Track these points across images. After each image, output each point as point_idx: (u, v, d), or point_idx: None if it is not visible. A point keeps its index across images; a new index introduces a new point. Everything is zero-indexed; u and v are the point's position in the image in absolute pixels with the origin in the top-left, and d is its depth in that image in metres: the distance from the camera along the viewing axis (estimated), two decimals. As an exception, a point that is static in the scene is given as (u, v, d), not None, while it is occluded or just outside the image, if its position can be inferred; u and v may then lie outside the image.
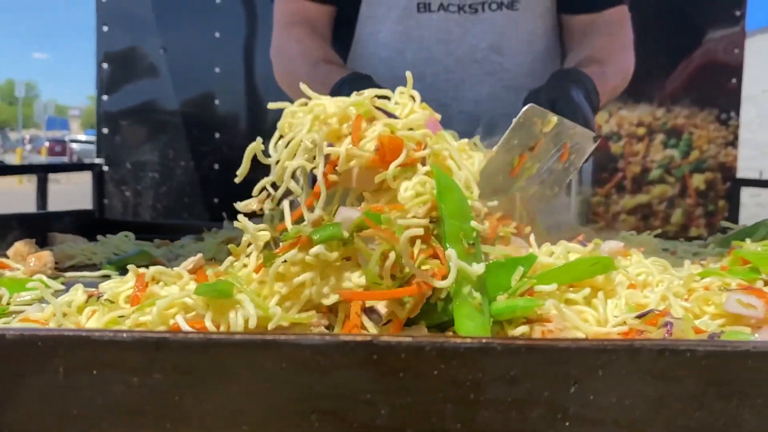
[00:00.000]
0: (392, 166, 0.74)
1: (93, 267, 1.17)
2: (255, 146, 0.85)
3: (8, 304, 0.91)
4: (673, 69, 3.47)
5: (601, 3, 1.45)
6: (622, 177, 3.86)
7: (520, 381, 0.44)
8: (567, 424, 0.44)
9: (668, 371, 0.44)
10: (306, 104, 0.88)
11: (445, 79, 1.44)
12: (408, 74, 0.86)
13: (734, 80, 3.50)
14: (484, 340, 0.44)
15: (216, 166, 3.73)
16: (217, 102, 3.70)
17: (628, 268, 0.89)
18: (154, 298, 0.73)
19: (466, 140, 0.91)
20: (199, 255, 0.87)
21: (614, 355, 0.44)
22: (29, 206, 3.06)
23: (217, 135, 3.71)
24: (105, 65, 3.61)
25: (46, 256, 1.12)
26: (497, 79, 1.44)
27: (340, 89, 1.18)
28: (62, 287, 0.99)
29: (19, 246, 1.16)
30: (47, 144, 28.05)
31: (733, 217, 3.59)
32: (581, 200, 3.61)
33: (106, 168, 3.67)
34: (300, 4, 1.46)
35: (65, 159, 21.89)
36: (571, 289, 0.75)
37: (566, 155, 1.03)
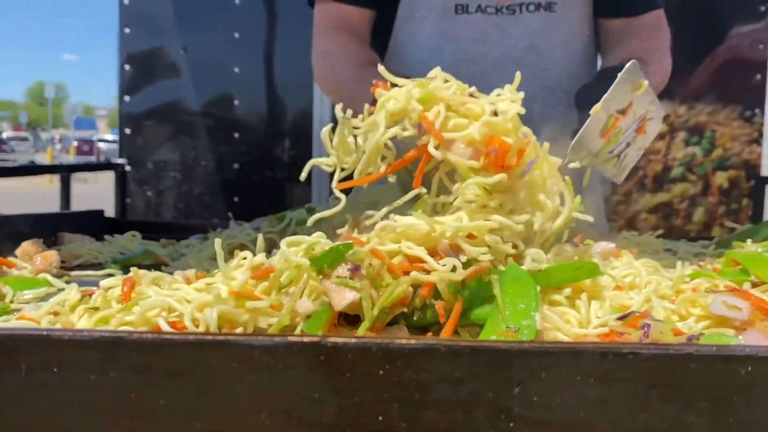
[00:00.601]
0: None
1: (99, 266, 1.20)
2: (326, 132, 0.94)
3: (11, 302, 0.94)
4: (696, 65, 3.42)
5: (639, 7, 1.48)
6: (643, 175, 3.82)
7: (464, 382, 0.45)
8: (511, 424, 0.45)
9: (611, 374, 0.45)
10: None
11: (481, 80, 1.47)
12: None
13: (759, 76, 3.45)
14: (428, 342, 0.45)
15: (236, 166, 3.77)
16: (236, 102, 3.75)
17: (617, 269, 0.89)
18: (140, 299, 0.75)
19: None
20: (192, 270, 0.89)
21: (557, 357, 0.45)
22: (57, 205, 3.14)
23: (236, 135, 3.76)
24: (127, 67, 3.67)
25: (52, 255, 1.15)
26: (535, 80, 1.45)
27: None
28: (65, 286, 1.01)
29: (27, 245, 1.19)
30: (75, 144, 28.64)
31: (758, 215, 3.54)
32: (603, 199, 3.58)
33: (128, 168, 3.73)
34: (341, 10, 1.48)
35: (93, 158, 22.30)
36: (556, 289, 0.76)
37: (644, 128, 1.01)
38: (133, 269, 0.83)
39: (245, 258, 0.78)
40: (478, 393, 0.45)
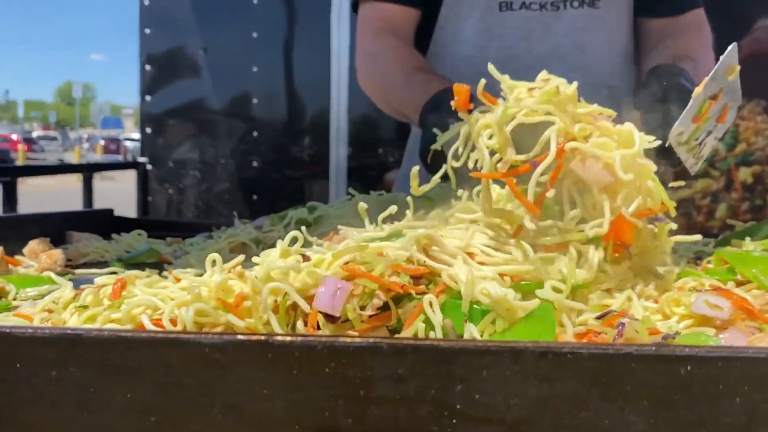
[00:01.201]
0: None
1: (105, 264, 1.23)
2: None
3: (14, 299, 0.97)
4: (719, 59, 3.37)
5: (681, 6, 1.49)
6: (663, 171, 3.77)
7: (408, 379, 0.46)
8: (454, 421, 0.46)
9: (552, 373, 0.46)
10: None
11: (526, 76, 1.50)
12: (490, 66, 0.89)
13: (783, 70, 3.38)
14: (372, 340, 0.46)
15: (255, 164, 3.81)
16: (255, 101, 3.78)
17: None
18: (127, 297, 0.78)
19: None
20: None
21: (497, 356, 0.46)
22: (102, 201, 3.20)
23: (255, 133, 3.80)
24: (148, 67, 3.73)
25: (57, 254, 1.18)
26: (580, 76, 1.47)
27: (442, 101, 1.19)
28: (69, 283, 1.04)
29: (33, 244, 1.23)
30: (102, 142, 29.14)
31: (783, 211, 3.48)
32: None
33: (149, 167, 3.79)
34: (387, 10, 1.49)
35: (120, 157, 22.65)
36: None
37: (724, 117, 0.99)
38: (129, 273, 0.86)
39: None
40: (422, 390, 0.46)
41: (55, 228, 1.42)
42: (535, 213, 0.78)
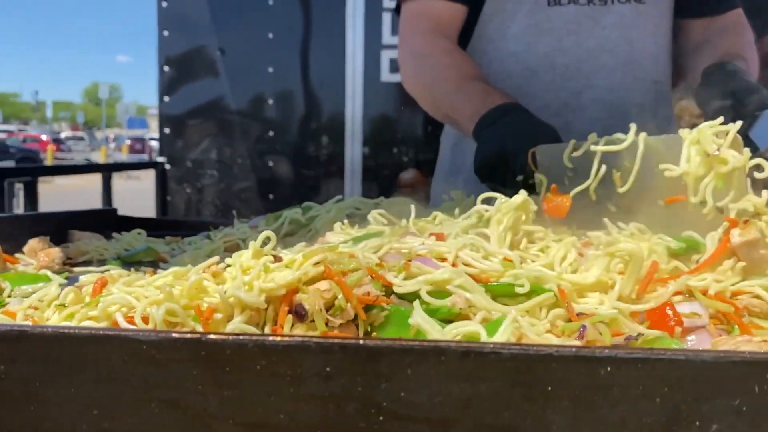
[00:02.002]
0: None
1: (104, 262, 1.26)
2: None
3: (9, 296, 1.00)
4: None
5: (722, 7, 1.52)
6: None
7: (336, 377, 0.47)
8: (381, 418, 0.48)
9: (474, 372, 0.47)
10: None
11: (576, 69, 1.48)
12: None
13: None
14: (300, 339, 0.47)
15: (270, 163, 3.85)
16: (270, 101, 3.82)
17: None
18: (103, 295, 0.80)
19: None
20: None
21: (421, 355, 0.47)
22: (125, 200, 3.26)
23: (271, 133, 3.84)
24: (166, 68, 3.78)
25: (55, 252, 1.22)
26: (628, 69, 1.49)
27: (502, 115, 1.23)
28: (64, 281, 1.07)
29: (33, 243, 1.26)
30: (128, 142, 29.63)
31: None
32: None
33: (168, 166, 3.84)
34: (432, 7, 1.49)
35: (145, 156, 23.00)
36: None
37: None
38: (110, 273, 0.89)
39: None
40: (349, 388, 0.48)
41: (60, 227, 1.45)
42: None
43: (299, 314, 0.70)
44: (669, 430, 0.46)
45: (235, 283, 0.73)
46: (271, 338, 0.48)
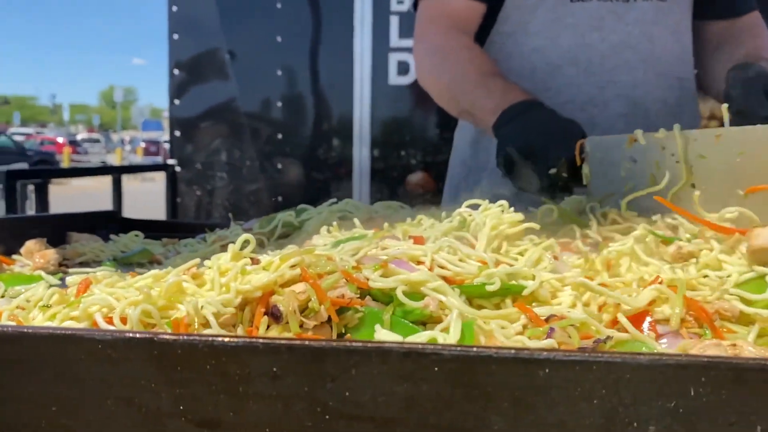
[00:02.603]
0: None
1: (100, 264, 1.28)
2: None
3: (2, 296, 1.03)
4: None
5: (740, 9, 1.54)
6: (693, 173, 3.68)
7: (283, 377, 0.49)
8: (327, 417, 0.49)
9: (416, 373, 0.48)
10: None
11: (599, 64, 1.49)
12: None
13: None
14: (249, 340, 0.49)
15: (279, 166, 3.88)
16: (279, 104, 3.85)
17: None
18: (85, 296, 0.82)
19: None
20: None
21: (364, 355, 0.48)
22: (137, 202, 3.31)
23: (279, 135, 3.86)
24: (176, 71, 3.82)
25: (50, 253, 1.24)
26: (650, 66, 1.50)
27: (523, 111, 1.25)
28: (57, 282, 1.10)
29: (30, 244, 1.29)
30: (143, 144, 29.95)
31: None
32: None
33: (178, 169, 3.88)
34: (453, 6, 1.50)
35: (159, 158, 23.21)
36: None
37: None
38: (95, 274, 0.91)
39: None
40: (296, 387, 0.49)
41: (63, 228, 1.48)
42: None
43: (275, 316, 0.71)
44: (607, 431, 0.47)
45: (208, 296, 0.76)
46: (219, 339, 0.49)
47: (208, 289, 0.81)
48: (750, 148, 0.96)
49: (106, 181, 3.76)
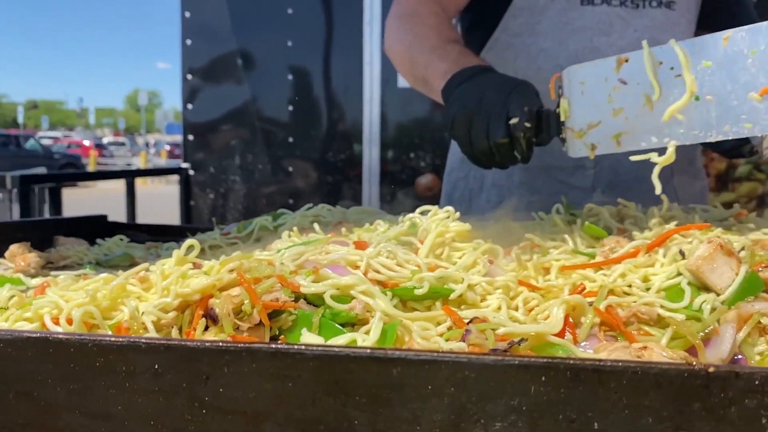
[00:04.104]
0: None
1: (83, 267, 1.33)
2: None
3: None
4: None
5: (742, 21, 1.57)
6: (705, 174, 3.65)
7: (164, 374, 0.53)
8: (204, 411, 0.53)
9: (283, 371, 0.51)
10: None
11: None
12: None
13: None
14: (132, 339, 0.53)
15: (290, 169, 3.94)
16: (290, 108, 3.90)
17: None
18: (36, 298, 0.88)
19: None
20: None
21: (236, 355, 0.52)
22: (155, 205, 3.39)
23: (290, 139, 3.92)
24: (189, 76, 3.90)
25: (31, 257, 1.30)
26: None
27: (473, 77, 1.19)
28: (34, 284, 1.15)
29: (14, 248, 1.35)
30: (168, 147, 30.41)
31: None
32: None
33: (191, 172, 3.96)
34: None
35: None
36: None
37: None
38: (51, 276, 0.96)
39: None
40: (175, 384, 0.53)
41: (53, 232, 1.55)
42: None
43: (212, 318, 0.76)
44: (457, 426, 0.50)
45: (151, 299, 0.80)
46: (107, 338, 0.54)
47: (153, 292, 0.86)
48: (764, 45, 0.89)
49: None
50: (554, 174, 1.50)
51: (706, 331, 0.74)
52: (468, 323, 0.76)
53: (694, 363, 0.48)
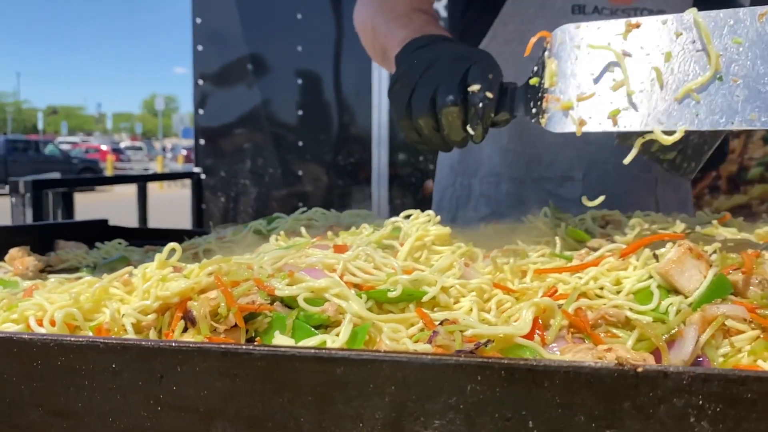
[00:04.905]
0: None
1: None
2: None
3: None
4: None
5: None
6: (716, 176, 3.62)
7: (121, 373, 0.55)
8: (159, 408, 0.55)
9: (232, 370, 0.54)
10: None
11: None
12: None
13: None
14: (92, 339, 0.56)
15: (300, 173, 3.97)
16: (300, 112, 3.94)
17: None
18: (23, 300, 0.91)
19: None
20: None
21: (188, 354, 0.54)
22: (170, 208, 3.44)
23: (300, 143, 3.95)
24: (200, 82, 3.95)
25: (29, 260, 1.34)
26: None
27: (436, 44, 1.10)
28: (26, 286, 1.18)
29: (14, 252, 1.39)
30: (184, 152, 30.74)
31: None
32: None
33: (203, 176, 4.01)
34: None
35: (199, 166, 23.99)
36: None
37: None
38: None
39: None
40: (131, 382, 0.55)
41: (53, 237, 1.58)
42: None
43: (191, 320, 0.78)
44: (398, 424, 0.52)
45: (133, 301, 0.83)
46: (68, 339, 0.56)
47: (135, 295, 0.89)
48: None
49: (149, 187, 3.88)
50: (542, 185, 1.48)
51: (671, 333, 0.75)
52: (439, 325, 0.78)
53: (625, 363, 0.49)
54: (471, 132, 0.96)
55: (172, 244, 0.95)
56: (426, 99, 0.98)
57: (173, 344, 0.54)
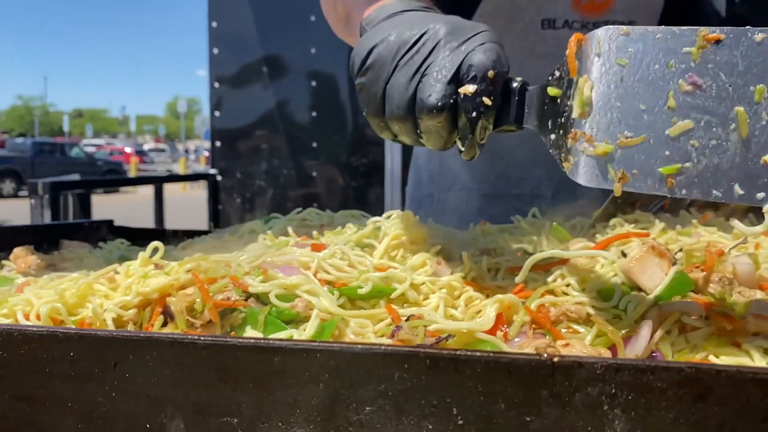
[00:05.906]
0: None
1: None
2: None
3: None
4: None
5: None
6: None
7: (78, 360, 0.59)
8: (113, 395, 0.59)
9: (179, 358, 0.57)
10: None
11: None
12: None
13: None
14: (52, 329, 0.59)
15: (314, 174, 4.01)
16: (314, 114, 3.98)
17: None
18: (13, 296, 0.95)
19: None
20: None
21: (138, 343, 0.58)
22: (189, 210, 3.51)
23: (314, 144, 4.00)
24: (216, 84, 4.01)
25: (32, 259, 1.39)
26: None
27: (411, 11, 0.86)
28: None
29: (17, 251, 1.44)
30: (206, 154, 31.12)
31: None
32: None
33: (219, 178, 4.07)
34: None
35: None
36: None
37: None
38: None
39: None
40: (88, 369, 0.59)
41: (59, 237, 1.64)
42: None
43: (169, 315, 0.82)
44: (332, 410, 0.55)
45: (116, 297, 0.87)
46: (30, 328, 0.60)
47: (119, 291, 0.93)
48: None
49: (172, 188, 3.96)
50: (511, 202, 1.43)
51: (628, 329, 0.77)
52: (405, 320, 0.81)
53: (543, 353, 0.52)
54: (460, 147, 0.78)
55: (154, 243, 0.99)
56: (404, 95, 0.77)
57: (125, 334, 0.58)
